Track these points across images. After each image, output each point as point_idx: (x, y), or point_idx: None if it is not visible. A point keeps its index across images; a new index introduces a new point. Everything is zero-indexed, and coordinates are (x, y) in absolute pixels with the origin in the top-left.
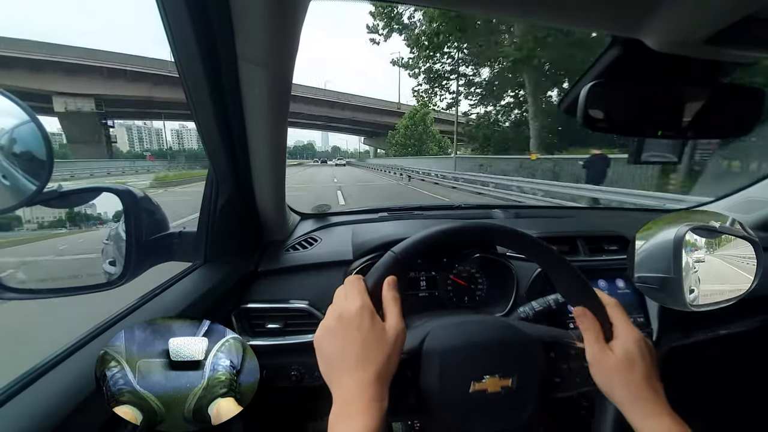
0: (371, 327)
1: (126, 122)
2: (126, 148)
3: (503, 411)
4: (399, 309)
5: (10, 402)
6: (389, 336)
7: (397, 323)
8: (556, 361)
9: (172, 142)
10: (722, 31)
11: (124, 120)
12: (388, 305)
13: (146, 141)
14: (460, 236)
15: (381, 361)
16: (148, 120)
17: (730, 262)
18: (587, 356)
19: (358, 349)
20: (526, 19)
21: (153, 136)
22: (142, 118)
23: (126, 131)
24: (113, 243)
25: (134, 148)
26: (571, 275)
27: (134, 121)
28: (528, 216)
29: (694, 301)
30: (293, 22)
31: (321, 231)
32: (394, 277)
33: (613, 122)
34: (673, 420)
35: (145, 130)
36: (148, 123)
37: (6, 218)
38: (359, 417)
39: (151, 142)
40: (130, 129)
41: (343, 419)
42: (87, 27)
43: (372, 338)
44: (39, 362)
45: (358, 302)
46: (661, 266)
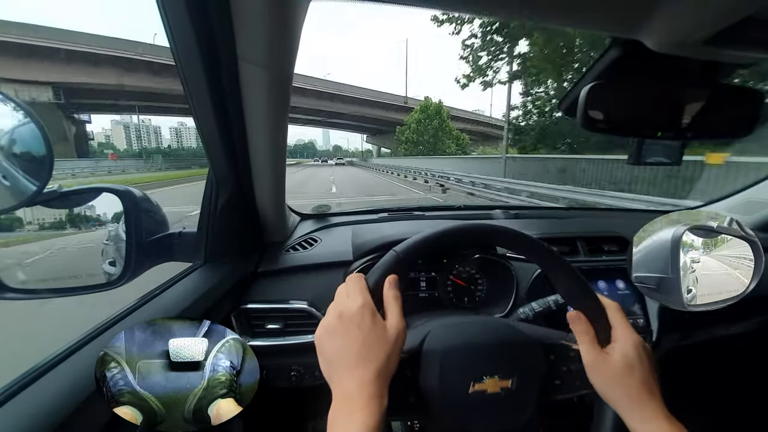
0: (372, 325)
1: (123, 119)
2: (123, 146)
3: (503, 412)
4: (400, 308)
5: (11, 402)
6: (390, 335)
7: (398, 322)
8: (556, 364)
9: (171, 140)
10: (721, 32)
11: (112, 115)
12: (389, 304)
13: (145, 139)
14: (462, 237)
15: (381, 359)
16: (124, 114)
17: (729, 263)
18: (583, 360)
19: (359, 347)
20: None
21: (152, 134)
22: (117, 112)
23: (123, 129)
24: (113, 243)
25: (131, 147)
26: (571, 277)
27: (132, 116)
28: (528, 217)
29: (693, 302)
30: (293, 22)
31: (321, 231)
32: (395, 276)
33: (613, 123)
34: (671, 424)
35: (144, 128)
36: (146, 120)
37: (6, 218)
38: (359, 414)
39: (149, 141)
40: (127, 127)
41: (343, 416)
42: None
43: (373, 336)
44: (39, 362)
45: (360, 300)
46: (661, 267)
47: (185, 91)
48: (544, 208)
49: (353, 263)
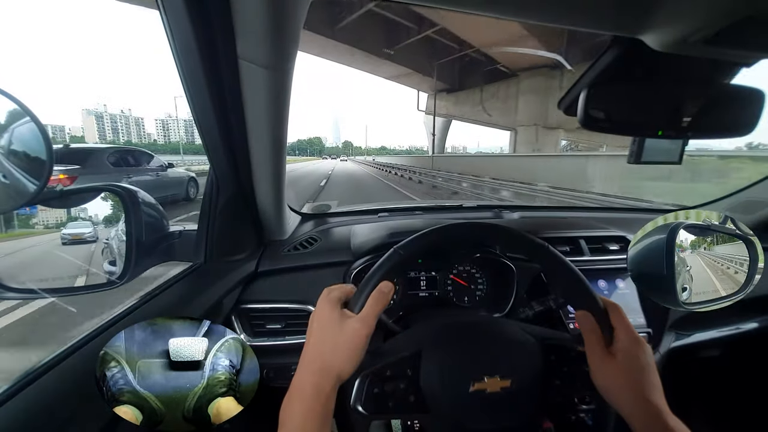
0: (336, 328)
1: (96, 108)
2: (95, 140)
3: (503, 411)
4: (376, 310)
5: (11, 401)
6: (349, 335)
7: (366, 320)
8: (557, 365)
9: (157, 134)
10: (722, 31)
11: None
12: (370, 301)
13: (123, 133)
14: (463, 236)
15: (338, 358)
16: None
17: (729, 263)
18: (588, 360)
19: (321, 347)
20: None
21: (132, 126)
22: None
23: (95, 120)
24: (113, 243)
25: (105, 142)
26: (572, 278)
27: (105, 105)
28: (529, 216)
29: (693, 302)
30: (293, 22)
31: (321, 231)
32: (389, 283)
33: (614, 122)
34: (673, 424)
35: (122, 119)
36: (126, 110)
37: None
38: (303, 402)
39: (129, 134)
40: (100, 117)
41: (289, 401)
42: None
43: (334, 338)
44: (39, 362)
45: (326, 306)
46: (660, 266)
47: (185, 90)
48: (546, 208)
49: (353, 263)
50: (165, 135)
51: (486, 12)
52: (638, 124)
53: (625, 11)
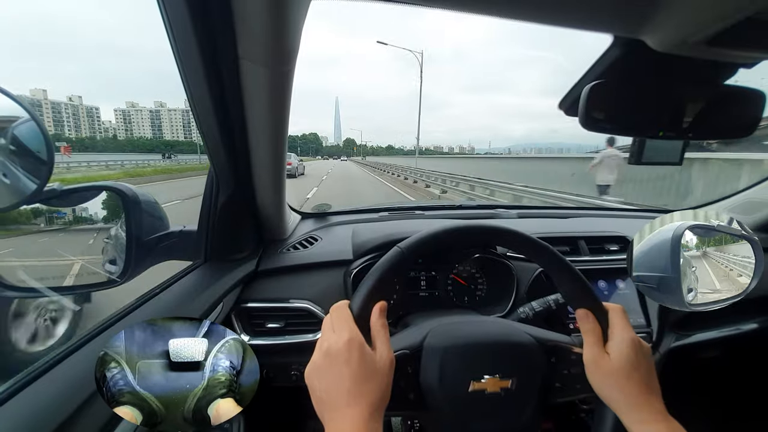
0: (360, 359)
1: (34, 95)
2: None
3: (502, 411)
4: (387, 337)
5: (10, 401)
6: (380, 366)
7: (388, 351)
8: (557, 366)
9: (117, 127)
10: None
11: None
12: (377, 333)
13: (70, 125)
14: (463, 236)
15: (374, 393)
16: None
17: (730, 263)
18: (584, 359)
19: (349, 384)
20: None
21: (82, 117)
22: None
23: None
24: (114, 242)
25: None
26: (572, 277)
27: (45, 91)
28: (530, 216)
29: (693, 302)
30: (294, 21)
31: (321, 230)
32: (382, 303)
33: (615, 122)
34: (669, 426)
35: (69, 108)
36: (74, 98)
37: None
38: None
39: (78, 127)
40: (38, 106)
41: None
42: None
43: (362, 371)
44: (39, 362)
45: (345, 335)
46: (661, 266)
47: (186, 90)
48: (546, 208)
49: (353, 262)
50: (127, 129)
51: (484, 12)
52: (639, 124)
53: (625, 12)
